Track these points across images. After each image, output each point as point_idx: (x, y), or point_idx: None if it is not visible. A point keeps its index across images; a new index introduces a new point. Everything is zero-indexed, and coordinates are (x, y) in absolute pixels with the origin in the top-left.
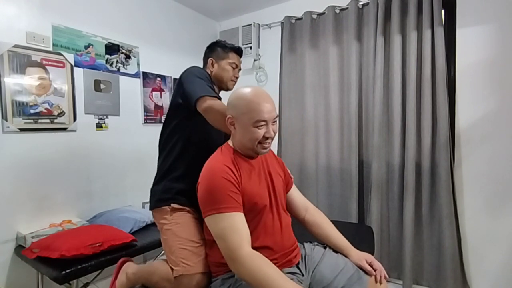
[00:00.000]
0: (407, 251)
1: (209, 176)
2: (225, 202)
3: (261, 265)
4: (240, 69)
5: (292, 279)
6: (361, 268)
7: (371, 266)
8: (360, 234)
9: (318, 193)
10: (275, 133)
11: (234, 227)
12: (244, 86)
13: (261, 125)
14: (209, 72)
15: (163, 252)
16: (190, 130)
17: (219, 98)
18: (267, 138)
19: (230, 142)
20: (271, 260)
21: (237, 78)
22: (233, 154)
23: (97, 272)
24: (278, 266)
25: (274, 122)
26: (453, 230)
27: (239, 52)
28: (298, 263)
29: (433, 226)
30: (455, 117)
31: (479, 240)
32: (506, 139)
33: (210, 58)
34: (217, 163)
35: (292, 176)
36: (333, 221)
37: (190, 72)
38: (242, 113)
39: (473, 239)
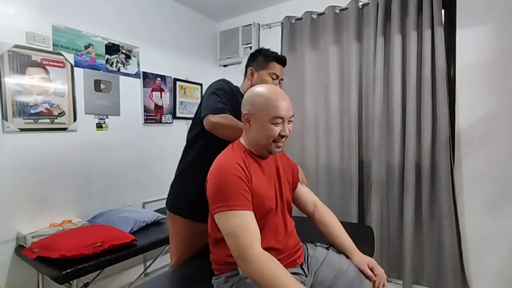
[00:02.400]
0: (407, 251)
1: (219, 173)
2: (236, 199)
3: (270, 266)
4: (282, 79)
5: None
6: (362, 271)
7: (373, 271)
8: (360, 234)
9: (318, 193)
10: (290, 132)
11: (245, 225)
12: (261, 85)
13: (278, 123)
14: (249, 83)
15: (163, 251)
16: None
17: (229, 110)
18: (282, 137)
19: (242, 139)
20: None
21: None
22: (244, 152)
23: (97, 272)
24: None
25: (290, 121)
26: (453, 230)
27: (281, 61)
28: (302, 263)
29: (433, 226)
30: (455, 117)
31: (479, 240)
32: (506, 139)
33: (250, 68)
34: (228, 160)
35: (299, 168)
36: None
37: (209, 87)
38: (259, 109)
39: (473, 239)
